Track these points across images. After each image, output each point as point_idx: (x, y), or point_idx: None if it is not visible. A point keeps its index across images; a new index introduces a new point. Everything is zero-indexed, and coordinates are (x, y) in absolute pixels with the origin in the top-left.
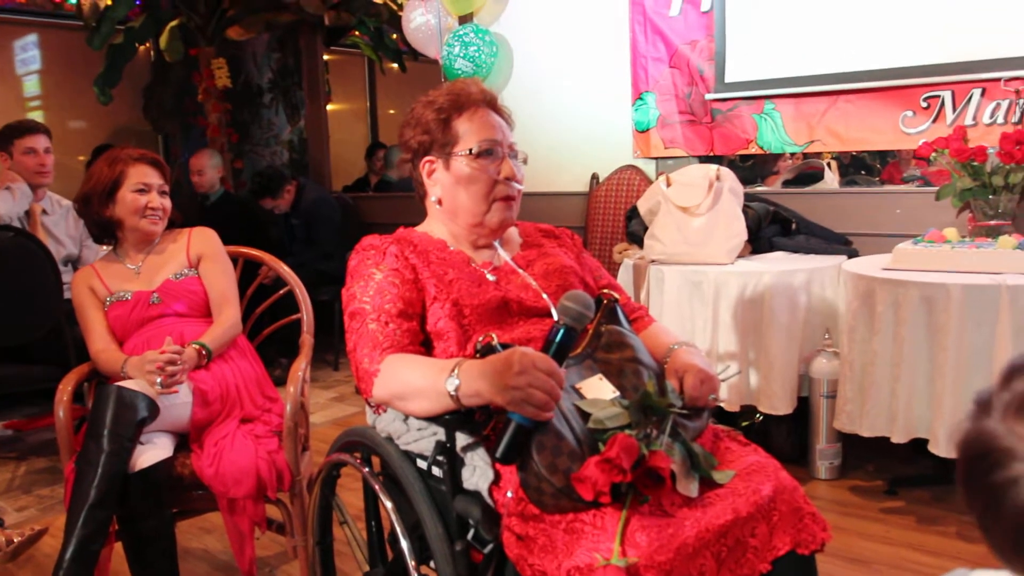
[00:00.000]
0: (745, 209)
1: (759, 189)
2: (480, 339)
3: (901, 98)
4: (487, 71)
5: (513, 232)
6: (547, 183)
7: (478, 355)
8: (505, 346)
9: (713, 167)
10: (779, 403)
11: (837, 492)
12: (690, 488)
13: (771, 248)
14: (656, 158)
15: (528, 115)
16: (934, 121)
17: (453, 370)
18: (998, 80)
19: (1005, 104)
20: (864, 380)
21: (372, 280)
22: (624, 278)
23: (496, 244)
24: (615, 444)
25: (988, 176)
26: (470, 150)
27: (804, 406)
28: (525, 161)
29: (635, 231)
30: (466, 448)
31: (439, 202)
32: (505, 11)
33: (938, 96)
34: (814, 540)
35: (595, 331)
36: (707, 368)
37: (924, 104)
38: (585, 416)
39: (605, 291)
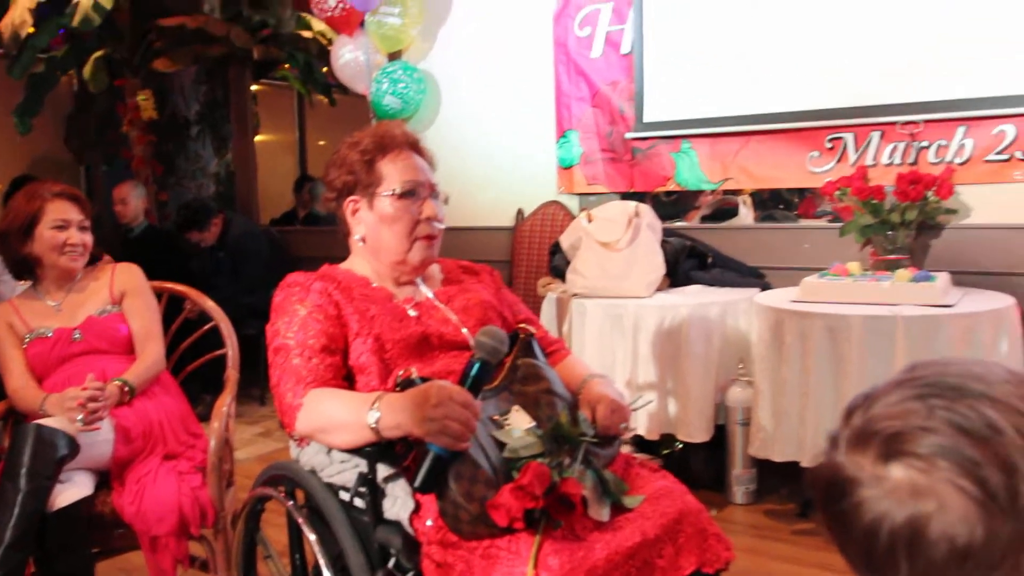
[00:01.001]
0: (663, 244)
1: (678, 224)
2: (400, 373)
3: (807, 139)
4: (415, 108)
5: (435, 268)
6: (473, 218)
7: (398, 388)
8: (424, 379)
9: (632, 204)
10: (696, 431)
11: (752, 516)
12: (601, 513)
13: (688, 281)
14: (579, 194)
15: (455, 151)
16: (838, 161)
17: (374, 403)
18: (895, 124)
19: (902, 146)
20: (775, 407)
21: (296, 316)
22: (548, 311)
23: (418, 280)
24: (528, 472)
25: (886, 213)
26: (393, 190)
27: (721, 434)
28: (446, 201)
29: (558, 265)
30: (387, 479)
31: (363, 240)
32: (433, 49)
33: (841, 138)
34: (718, 559)
35: (512, 364)
36: (619, 399)
37: (829, 145)
38: (501, 446)
39: (522, 326)
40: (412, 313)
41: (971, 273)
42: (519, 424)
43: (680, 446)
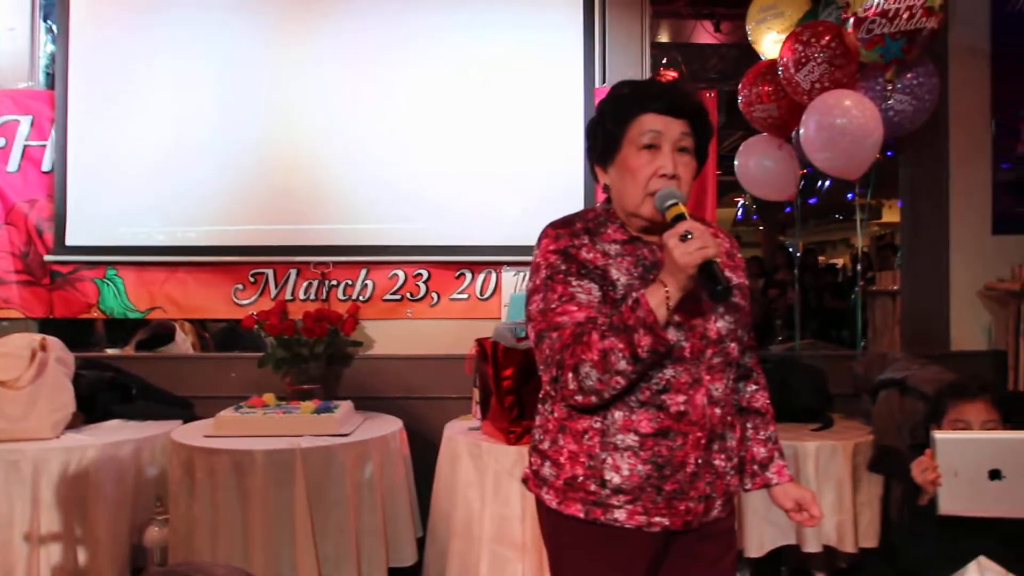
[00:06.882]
0: (78, 377)
1: (110, 352)
2: None
3: (232, 273)
4: None
5: None
6: None
7: None
8: None
9: (38, 337)
10: None
11: None
12: None
13: (108, 416)
14: None
15: None
16: (261, 294)
17: None
18: (308, 263)
19: (316, 283)
20: (190, 547)
21: None
22: None
23: None
24: None
25: (298, 347)
26: None
27: None
28: None
29: None
30: None
31: None
32: None
33: (263, 273)
34: None
35: None
36: None
37: (252, 279)
38: None
39: None
40: None
41: (374, 398)
42: None
43: None
